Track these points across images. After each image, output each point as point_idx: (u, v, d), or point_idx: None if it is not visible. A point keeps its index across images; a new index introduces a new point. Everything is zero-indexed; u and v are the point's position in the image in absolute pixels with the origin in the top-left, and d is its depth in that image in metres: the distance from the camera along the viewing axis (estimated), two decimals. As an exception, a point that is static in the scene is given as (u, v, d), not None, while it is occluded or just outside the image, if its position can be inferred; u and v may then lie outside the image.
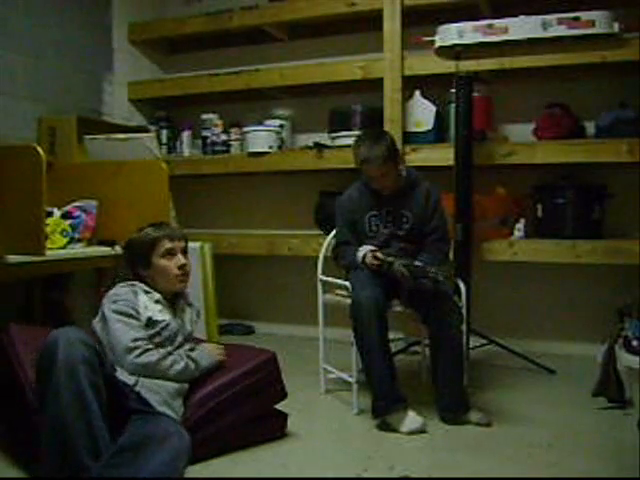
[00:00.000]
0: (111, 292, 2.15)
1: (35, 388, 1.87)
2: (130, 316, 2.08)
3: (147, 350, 2.05)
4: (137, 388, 1.98)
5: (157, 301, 2.17)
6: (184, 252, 2.26)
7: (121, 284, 2.19)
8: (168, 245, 2.21)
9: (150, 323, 2.11)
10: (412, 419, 2.39)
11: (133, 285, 2.18)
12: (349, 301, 2.55)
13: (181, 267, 2.21)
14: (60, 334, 1.78)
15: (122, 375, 1.99)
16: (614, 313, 2.82)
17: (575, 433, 2.38)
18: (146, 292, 2.17)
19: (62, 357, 1.72)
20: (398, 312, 2.67)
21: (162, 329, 2.12)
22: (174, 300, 2.26)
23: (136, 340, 2.04)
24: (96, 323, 2.15)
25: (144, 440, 1.72)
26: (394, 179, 2.65)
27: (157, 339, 2.11)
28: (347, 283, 2.64)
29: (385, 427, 2.42)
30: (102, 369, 1.81)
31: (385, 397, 2.43)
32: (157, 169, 3.07)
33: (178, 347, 2.16)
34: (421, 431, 2.37)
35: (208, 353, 2.25)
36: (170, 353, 2.11)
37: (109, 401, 1.79)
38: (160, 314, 2.15)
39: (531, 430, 2.42)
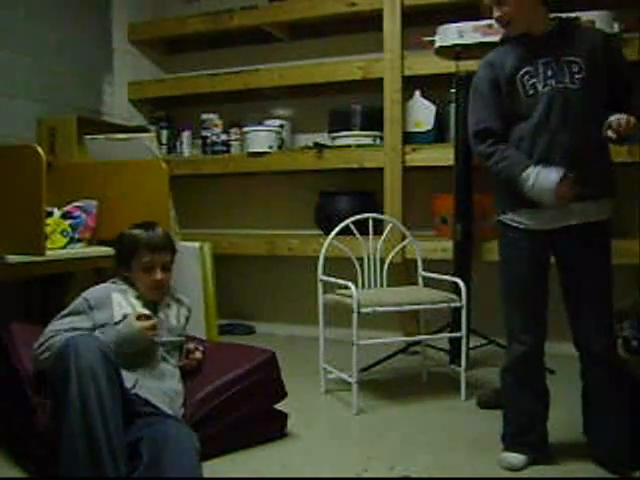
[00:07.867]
0: (89, 289, 2.14)
1: (48, 395, 1.85)
2: (76, 313, 2.07)
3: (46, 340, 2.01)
4: (135, 390, 1.96)
5: (138, 297, 2.16)
6: (165, 266, 2.16)
7: (103, 283, 2.18)
8: (146, 258, 2.13)
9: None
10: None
11: (114, 283, 2.18)
12: (349, 301, 2.53)
13: (156, 282, 2.14)
14: (75, 341, 1.78)
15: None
16: (614, 313, 2.81)
17: (575, 433, 2.38)
18: (123, 291, 2.15)
19: (83, 363, 1.70)
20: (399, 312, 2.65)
21: None
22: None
23: (51, 331, 2.03)
24: None
25: (160, 444, 1.72)
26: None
27: None
28: (350, 283, 2.64)
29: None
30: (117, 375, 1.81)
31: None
32: (157, 169, 3.07)
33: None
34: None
35: (127, 324, 2.01)
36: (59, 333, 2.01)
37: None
38: (140, 310, 2.11)
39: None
